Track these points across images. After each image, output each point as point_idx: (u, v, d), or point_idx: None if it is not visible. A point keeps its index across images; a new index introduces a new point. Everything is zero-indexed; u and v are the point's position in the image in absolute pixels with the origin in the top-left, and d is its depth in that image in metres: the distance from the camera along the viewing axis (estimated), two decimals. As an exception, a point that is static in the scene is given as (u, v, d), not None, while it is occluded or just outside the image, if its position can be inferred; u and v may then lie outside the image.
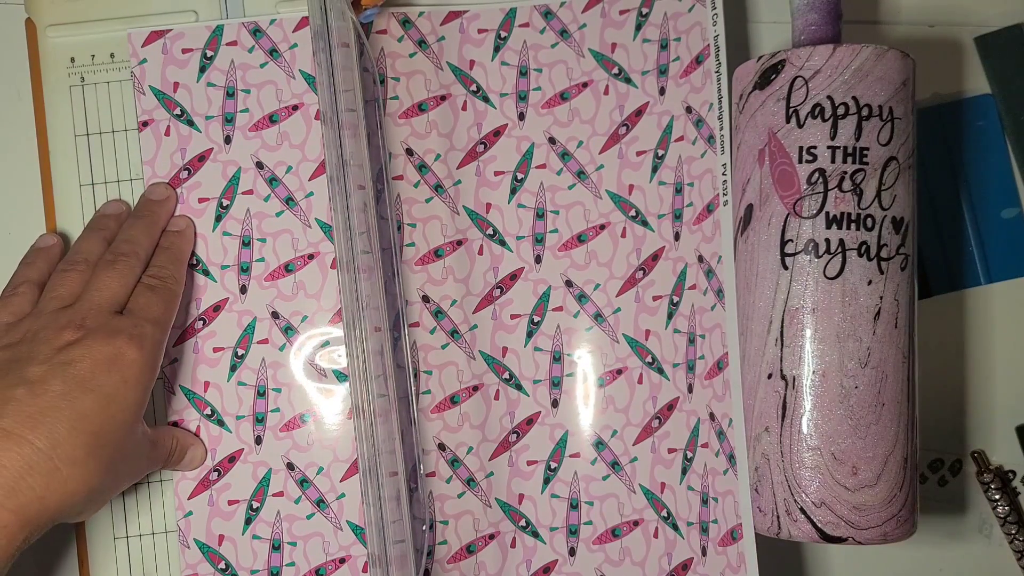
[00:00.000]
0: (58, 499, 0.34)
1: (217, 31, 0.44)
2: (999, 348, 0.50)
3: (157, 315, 0.39)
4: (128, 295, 0.40)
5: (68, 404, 0.34)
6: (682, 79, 0.45)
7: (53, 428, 0.34)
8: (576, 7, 0.45)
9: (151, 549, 0.43)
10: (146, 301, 0.39)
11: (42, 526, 0.34)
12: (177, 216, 0.43)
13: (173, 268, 0.42)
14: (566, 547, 0.44)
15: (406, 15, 0.45)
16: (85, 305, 0.38)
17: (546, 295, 0.45)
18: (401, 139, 0.44)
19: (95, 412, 0.35)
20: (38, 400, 0.34)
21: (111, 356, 0.36)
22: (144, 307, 0.39)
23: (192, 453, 0.43)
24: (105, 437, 0.35)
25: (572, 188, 0.45)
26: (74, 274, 0.40)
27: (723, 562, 0.43)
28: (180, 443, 0.42)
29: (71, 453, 0.34)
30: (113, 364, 0.36)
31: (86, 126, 0.44)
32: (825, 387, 0.39)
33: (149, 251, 0.41)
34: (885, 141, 0.40)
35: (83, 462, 0.34)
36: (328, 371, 0.44)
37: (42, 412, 0.34)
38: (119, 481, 0.38)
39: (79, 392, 0.35)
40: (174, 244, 0.42)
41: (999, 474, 0.49)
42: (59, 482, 0.34)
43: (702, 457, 0.44)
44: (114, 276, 0.39)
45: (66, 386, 0.35)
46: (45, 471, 0.33)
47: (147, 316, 0.39)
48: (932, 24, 0.50)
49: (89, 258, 0.40)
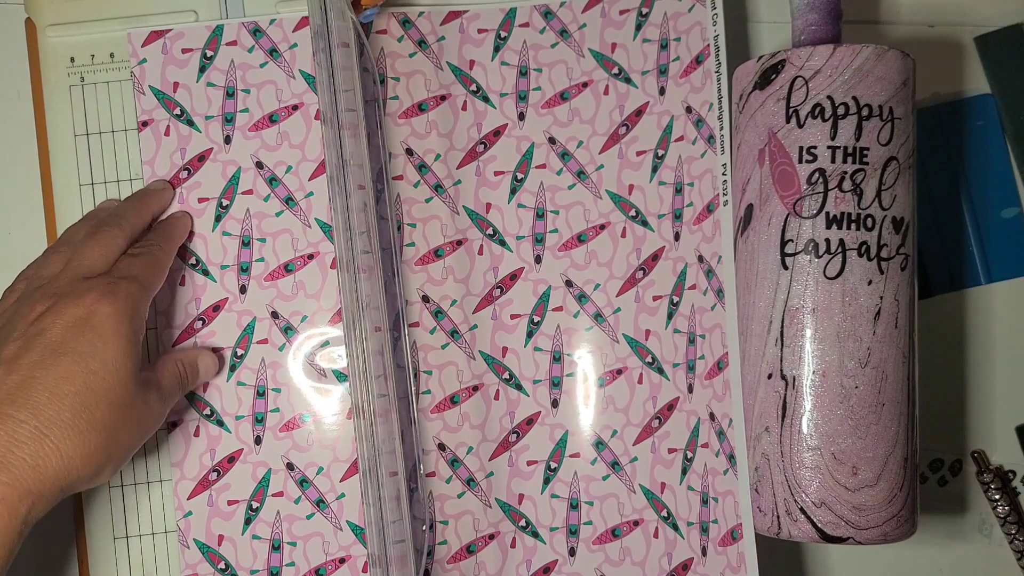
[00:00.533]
0: (55, 465, 0.33)
1: (217, 31, 0.44)
2: (999, 348, 0.50)
3: (134, 273, 0.39)
4: (109, 266, 0.39)
5: (44, 371, 0.34)
6: (682, 79, 0.45)
7: (32, 398, 0.34)
8: (576, 7, 0.45)
9: (151, 549, 0.43)
10: (125, 264, 0.39)
11: (46, 495, 0.33)
12: (174, 211, 0.43)
13: (161, 241, 0.41)
14: (566, 547, 0.44)
15: (406, 15, 0.45)
16: (61, 277, 0.38)
17: (546, 295, 0.45)
18: (401, 139, 0.44)
19: (74, 373, 0.35)
20: (13, 376, 0.34)
21: (82, 316, 0.36)
22: (121, 268, 0.39)
23: (204, 364, 0.42)
24: (91, 395, 0.35)
25: (572, 188, 0.45)
26: (55, 255, 0.40)
27: (723, 562, 0.43)
28: (186, 364, 0.41)
29: (56, 417, 0.34)
30: (85, 323, 0.36)
31: (86, 126, 0.44)
32: (825, 387, 0.39)
33: (136, 228, 0.41)
34: (885, 141, 0.40)
35: (71, 424, 0.34)
36: (328, 371, 0.44)
37: (19, 386, 0.34)
38: (126, 435, 0.37)
39: (53, 357, 0.35)
40: (165, 225, 0.42)
41: (999, 474, 0.49)
42: (50, 448, 0.33)
43: (702, 457, 0.44)
44: (93, 246, 0.39)
45: (40, 354, 0.35)
46: (32, 439, 0.33)
47: (122, 273, 0.38)
48: (932, 24, 0.50)
49: (72, 240, 0.40)
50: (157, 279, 0.40)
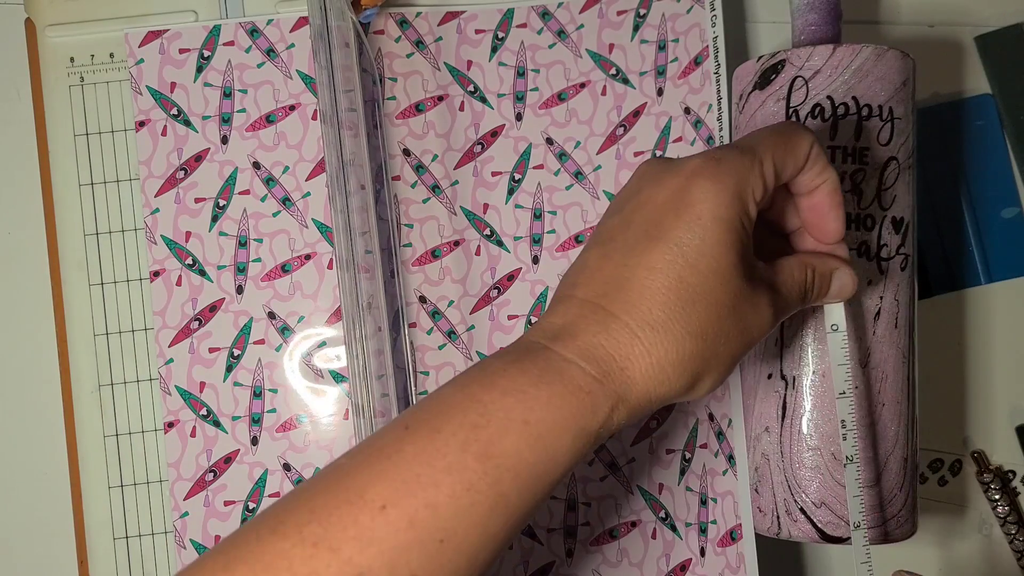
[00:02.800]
0: (643, 372, 0.29)
1: (214, 31, 0.44)
2: (999, 348, 0.50)
3: (747, 142, 0.32)
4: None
5: (636, 259, 0.30)
6: (680, 80, 0.45)
7: (625, 290, 0.30)
8: (574, 8, 0.45)
9: (151, 549, 0.43)
10: (751, 132, 0.33)
11: (631, 402, 0.30)
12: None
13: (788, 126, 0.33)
14: (563, 548, 0.44)
15: (403, 15, 0.45)
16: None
17: (544, 296, 0.45)
18: (398, 139, 0.44)
19: (667, 264, 0.30)
20: (608, 264, 0.30)
21: (677, 191, 0.30)
22: (740, 138, 0.33)
23: (839, 280, 0.35)
24: (685, 292, 0.30)
25: (570, 188, 0.45)
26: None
27: (722, 563, 0.43)
28: (818, 273, 0.34)
29: (647, 317, 0.29)
30: (680, 201, 0.30)
31: (85, 126, 0.44)
32: (825, 387, 0.39)
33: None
34: (885, 141, 0.40)
35: (663, 326, 0.29)
36: (325, 371, 0.44)
37: (614, 275, 0.30)
38: (727, 344, 0.31)
39: (646, 241, 0.30)
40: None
41: (999, 474, 0.49)
42: (640, 351, 0.29)
43: (700, 457, 0.44)
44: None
45: (634, 236, 0.30)
46: (623, 338, 0.29)
47: (736, 141, 0.32)
48: (932, 24, 0.50)
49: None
50: (780, 153, 0.32)
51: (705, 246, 0.30)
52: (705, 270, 0.30)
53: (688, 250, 0.30)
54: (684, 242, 0.30)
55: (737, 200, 0.30)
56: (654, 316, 0.29)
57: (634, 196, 0.32)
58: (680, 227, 0.30)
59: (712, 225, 0.30)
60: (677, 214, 0.30)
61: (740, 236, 0.31)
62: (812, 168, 0.33)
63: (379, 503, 0.27)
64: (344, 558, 0.26)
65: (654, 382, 0.30)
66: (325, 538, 0.26)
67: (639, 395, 0.30)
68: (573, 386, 0.29)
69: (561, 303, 0.31)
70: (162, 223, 0.44)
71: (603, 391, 0.29)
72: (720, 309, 0.30)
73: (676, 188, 0.30)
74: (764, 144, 0.32)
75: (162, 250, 0.44)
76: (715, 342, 0.30)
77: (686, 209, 0.30)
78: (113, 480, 0.43)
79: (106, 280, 0.44)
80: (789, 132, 0.32)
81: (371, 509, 0.26)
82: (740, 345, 0.31)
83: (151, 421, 0.44)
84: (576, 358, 0.29)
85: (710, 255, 0.30)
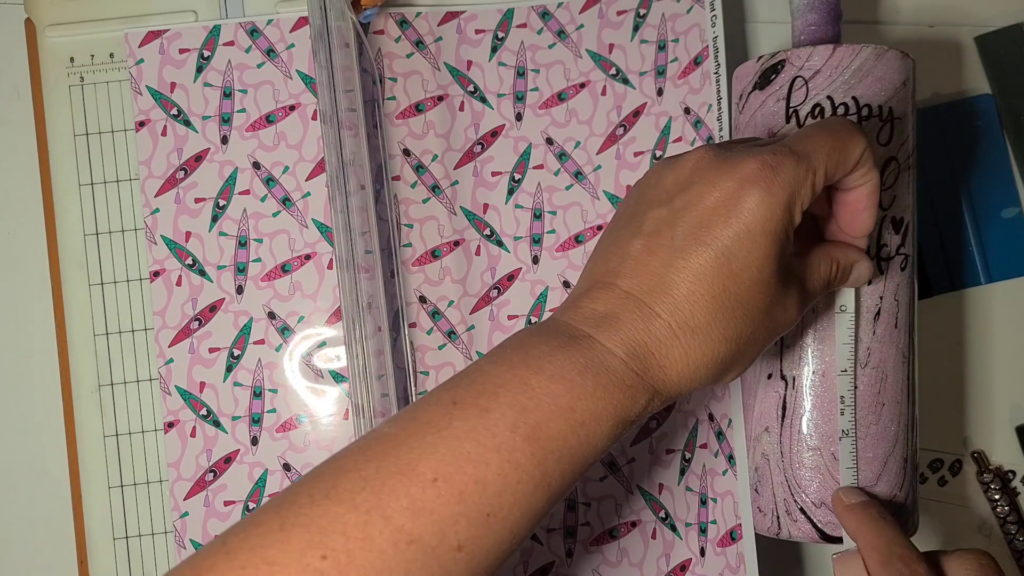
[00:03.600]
0: (678, 370, 0.31)
1: (214, 31, 0.44)
2: (999, 348, 0.50)
3: (806, 148, 0.32)
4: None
5: (684, 261, 0.30)
6: (680, 80, 0.45)
7: (671, 292, 0.30)
8: (573, 8, 0.45)
9: (151, 549, 0.43)
10: (803, 133, 0.32)
11: (663, 395, 0.31)
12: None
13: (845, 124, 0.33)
14: (563, 548, 0.44)
15: (403, 15, 0.45)
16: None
17: (543, 296, 0.45)
18: (398, 140, 0.44)
19: (714, 272, 0.30)
20: (654, 259, 0.31)
21: (729, 197, 0.30)
22: (796, 137, 0.32)
23: (859, 272, 0.36)
24: (728, 300, 0.30)
25: (569, 189, 0.45)
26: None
27: (722, 563, 0.43)
28: (842, 266, 0.35)
29: (689, 321, 0.30)
30: (732, 210, 0.30)
31: (85, 126, 0.44)
32: (825, 387, 0.39)
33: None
34: (885, 141, 0.40)
35: (704, 330, 0.30)
36: (324, 371, 0.44)
37: (660, 274, 0.31)
38: (756, 343, 0.32)
39: (694, 245, 0.30)
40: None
41: (999, 474, 0.49)
42: (679, 353, 0.30)
43: (700, 457, 0.44)
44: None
45: (682, 237, 0.31)
46: (664, 338, 0.30)
47: (792, 146, 0.31)
48: (932, 24, 0.50)
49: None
50: (833, 160, 0.32)
51: (751, 258, 0.30)
52: (748, 281, 0.31)
53: (735, 261, 0.30)
54: (732, 253, 0.30)
55: (787, 212, 0.31)
56: (696, 321, 0.30)
57: (685, 190, 0.32)
58: (729, 236, 0.30)
59: (761, 238, 0.30)
60: (727, 222, 0.30)
61: (783, 244, 0.31)
62: (859, 169, 0.33)
63: (430, 476, 0.28)
64: (396, 525, 0.27)
65: (687, 380, 0.31)
66: (378, 506, 0.27)
67: (672, 390, 0.31)
68: (616, 378, 0.30)
69: (602, 289, 0.32)
70: (162, 223, 0.44)
71: (642, 385, 0.30)
72: (756, 314, 0.31)
73: (728, 193, 0.31)
74: (820, 151, 0.32)
75: (162, 250, 0.44)
76: (747, 344, 0.32)
77: (737, 218, 0.30)
78: (113, 480, 0.43)
79: (106, 280, 0.44)
80: (845, 135, 0.32)
81: (422, 481, 0.28)
82: (767, 342, 0.33)
83: (151, 421, 0.44)
84: (620, 351, 0.30)
85: (755, 267, 0.31)
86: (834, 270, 0.35)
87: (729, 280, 0.30)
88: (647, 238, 0.31)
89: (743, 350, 0.32)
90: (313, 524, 0.27)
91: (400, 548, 0.27)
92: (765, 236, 0.30)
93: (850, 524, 0.37)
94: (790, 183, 0.31)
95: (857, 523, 0.36)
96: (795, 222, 0.31)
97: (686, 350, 0.30)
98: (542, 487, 0.29)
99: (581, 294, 0.32)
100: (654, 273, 0.31)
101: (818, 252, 0.35)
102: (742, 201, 0.30)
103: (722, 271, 0.30)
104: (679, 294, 0.30)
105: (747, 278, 0.31)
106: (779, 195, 0.30)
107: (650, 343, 0.30)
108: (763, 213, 0.30)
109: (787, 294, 0.32)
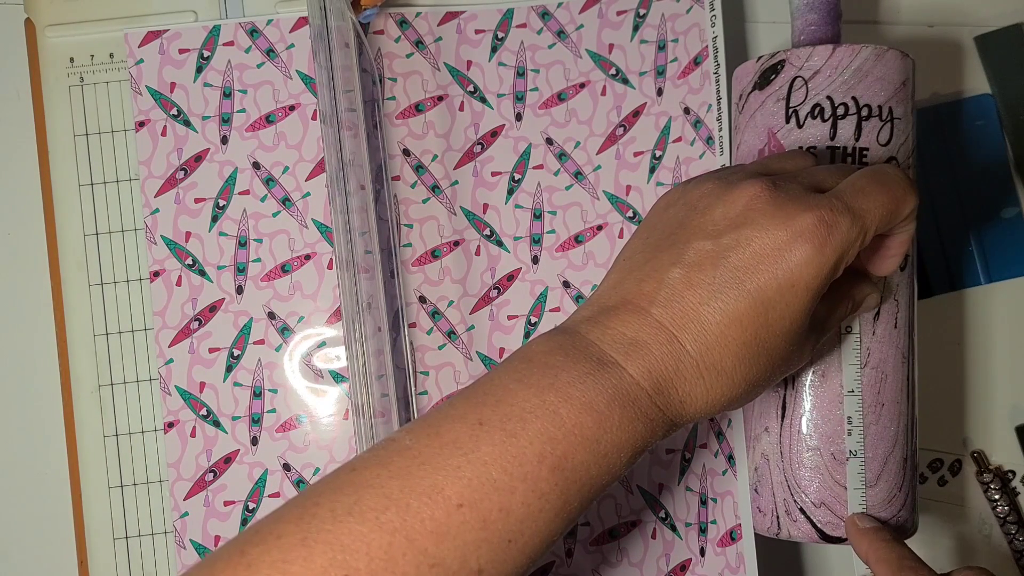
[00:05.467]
0: (697, 406, 0.31)
1: (214, 31, 0.44)
2: (999, 348, 0.50)
3: (865, 206, 0.31)
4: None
5: (721, 303, 0.30)
6: (680, 80, 0.45)
7: (704, 332, 0.30)
8: (573, 8, 0.45)
9: (151, 549, 0.43)
10: (858, 187, 0.32)
11: (676, 427, 0.31)
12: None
13: (901, 177, 0.33)
14: (563, 548, 0.44)
15: (403, 15, 0.45)
16: (789, 170, 0.33)
17: (543, 296, 0.45)
18: (398, 140, 0.44)
19: (749, 321, 0.30)
20: (691, 294, 0.30)
21: (779, 248, 0.30)
22: (852, 191, 0.31)
23: (868, 304, 0.37)
24: (757, 348, 0.31)
25: (569, 189, 0.45)
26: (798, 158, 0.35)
27: (722, 563, 0.43)
28: (856, 302, 0.36)
29: (717, 363, 0.30)
30: (778, 262, 0.30)
31: (85, 126, 0.44)
32: (825, 387, 0.39)
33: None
34: (885, 141, 0.40)
35: (728, 373, 0.31)
36: (324, 372, 0.44)
37: (695, 311, 0.30)
38: (770, 383, 0.33)
39: (734, 290, 0.30)
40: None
41: (999, 474, 0.49)
42: (701, 391, 0.31)
43: (700, 457, 0.44)
44: (839, 168, 0.33)
45: (723, 279, 0.30)
46: (690, 376, 0.30)
47: (849, 201, 0.31)
48: (932, 24, 0.50)
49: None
50: (885, 220, 0.32)
51: (788, 311, 0.30)
52: (780, 332, 0.31)
53: (772, 312, 0.30)
54: (771, 304, 0.30)
55: (833, 271, 0.31)
56: (724, 364, 0.30)
57: (735, 228, 0.31)
58: (772, 287, 0.30)
59: (803, 294, 0.30)
60: (772, 272, 0.30)
61: (819, 297, 0.31)
62: (904, 221, 0.33)
63: (456, 501, 0.28)
64: (419, 548, 0.27)
65: (702, 413, 0.31)
66: (402, 528, 0.27)
67: (685, 421, 0.32)
68: (640, 412, 0.30)
69: (633, 313, 0.31)
70: (162, 223, 0.44)
71: (662, 419, 0.30)
72: (779, 361, 0.32)
73: (780, 243, 0.30)
74: (875, 210, 0.31)
75: (162, 250, 0.44)
76: (763, 385, 0.32)
77: (783, 271, 0.30)
78: (113, 480, 0.43)
79: (106, 280, 0.44)
80: (900, 195, 0.32)
81: (448, 506, 0.28)
82: (778, 379, 0.34)
83: (151, 421, 0.44)
84: (646, 384, 0.30)
85: (790, 319, 0.31)
86: (850, 307, 0.36)
87: (763, 329, 0.30)
88: (688, 270, 0.31)
89: (757, 390, 0.32)
90: (336, 542, 0.27)
91: (423, 571, 0.27)
92: (807, 292, 0.30)
93: (862, 545, 0.37)
94: (842, 244, 0.31)
95: (869, 543, 0.37)
96: (837, 277, 0.31)
97: (708, 389, 0.31)
98: (562, 514, 0.29)
99: (608, 310, 0.32)
100: (690, 308, 0.30)
101: (839, 294, 0.35)
102: (791, 254, 0.30)
103: (757, 319, 0.30)
104: (711, 335, 0.30)
105: (780, 330, 0.31)
106: (829, 256, 0.30)
107: (675, 379, 0.30)
108: (811, 272, 0.30)
109: (808, 340, 0.33)
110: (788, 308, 0.30)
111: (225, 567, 0.27)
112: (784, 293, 0.30)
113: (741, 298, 0.30)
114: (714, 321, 0.30)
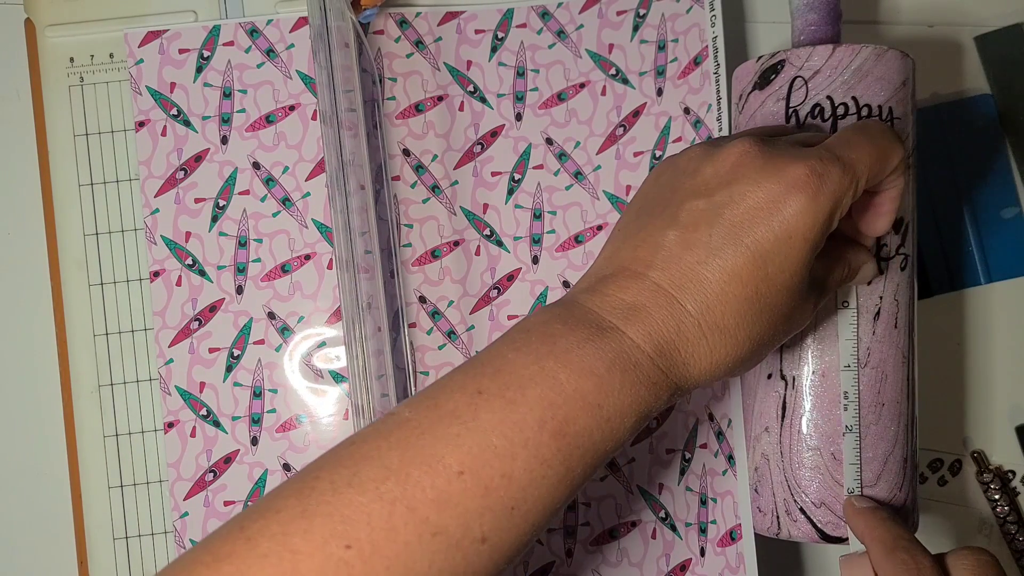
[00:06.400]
0: (700, 368, 0.31)
1: (214, 31, 0.44)
2: (999, 348, 0.50)
3: (853, 156, 0.31)
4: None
5: (720, 260, 0.30)
6: (680, 80, 0.45)
7: (704, 291, 0.30)
8: (573, 8, 0.45)
9: (151, 549, 0.44)
10: (846, 139, 0.32)
11: (682, 389, 0.31)
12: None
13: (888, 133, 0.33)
14: (563, 548, 0.44)
15: (403, 15, 0.45)
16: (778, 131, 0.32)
17: (543, 296, 0.45)
18: (398, 140, 0.44)
19: (748, 276, 0.30)
20: (689, 254, 0.30)
21: (773, 201, 0.30)
22: (840, 143, 0.32)
23: (865, 273, 0.37)
24: (759, 304, 0.30)
25: (569, 189, 0.45)
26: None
27: (722, 563, 0.43)
28: (852, 267, 0.36)
29: (718, 322, 0.30)
30: (773, 214, 0.30)
31: (85, 126, 0.44)
32: (825, 387, 0.39)
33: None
34: (884, 141, 0.40)
35: (731, 332, 0.30)
36: (324, 372, 0.44)
37: (694, 270, 0.30)
38: (774, 342, 0.33)
39: (732, 245, 0.30)
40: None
41: (999, 474, 0.49)
42: (704, 351, 0.30)
43: (700, 458, 0.44)
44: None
45: (720, 236, 0.30)
46: (692, 337, 0.30)
47: (838, 152, 0.31)
48: (932, 24, 0.50)
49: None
50: (875, 169, 0.32)
51: (787, 264, 0.30)
52: (780, 285, 0.31)
53: (771, 265, 0.30)
54: (769, 257, 0.30)
55: (828, 221, 0.31)
56: (725, 321, 0.30)
57: (727, 185, 0.31)
58: (769, 240, 0.30)
59: (800, 245, 0.30)
60: (769, 226, 0.30)
61: (816, 249, 0.31)
62: (892, 175, 0.33)
63: (456, 469, 0.28)
64: (421, 517, 0.27)
65: (707, 376, 0.31)
66: (403, 497, 0.27)
67: (691, 385, 0.31)
68: (642, 375, 0.30)
69: (631, 279, 0.31)
70: (162, 223, 0.44)
71: (666, 382, 0.30)
72: (780, 317, 0.31)
73: (773, 195, 0.30)
74: (864, 160, 0.32)
75: (162, 250, 0.44)
76: (767, 344, 0.32)
77: (779, 224, 0.30)
78: (113, 480, 0.43)
79: (106, 280, 0.44)
80: (886, 145, 0.32)
81: (448, 474, 0.27)
82: (782, 341, 0.33)
83: (151, 421, 0.44)
84: (647, 347, 0.30)
85: (789, 272, 0.31)
86: (847, 272, 0.36)
87: (762, 283, 0.30)
88: (683, 231, 0.31)
89: (762, 350, 0.32)
90: (336, 513, 0.27)
91: (425, 539, 0.27)
92: (804, 243, 0.30)
93: (859, 525, 0.37)
94: (835, 192, 0.31)
95: (866, 523, 0.37)
96: (833, 227, 0.31)
97: (711, 349, 0.30)
98: (566, 481, 0.29)
99: (606, 278, 0.32)
100: (688, 269, 0.30)
101: (835, 255, 0.35)
102: (786, 206, 0.30)
103: (757, 274, 0.30)
104: (711, 293, 0.30)
105: (780, 283, 0.31)
106: (823, 204, 0.30)
107: (677, 340, 0.30)
108: (806, 221, 0.30)
109: (809, 298, 0.33)
110: (787, 260, 0.30)
111: (223, 543, 0.27)
112: (781, 245, 0.30)
113: (739, 254, 0.30)
114: (713, 279, 0.30)
